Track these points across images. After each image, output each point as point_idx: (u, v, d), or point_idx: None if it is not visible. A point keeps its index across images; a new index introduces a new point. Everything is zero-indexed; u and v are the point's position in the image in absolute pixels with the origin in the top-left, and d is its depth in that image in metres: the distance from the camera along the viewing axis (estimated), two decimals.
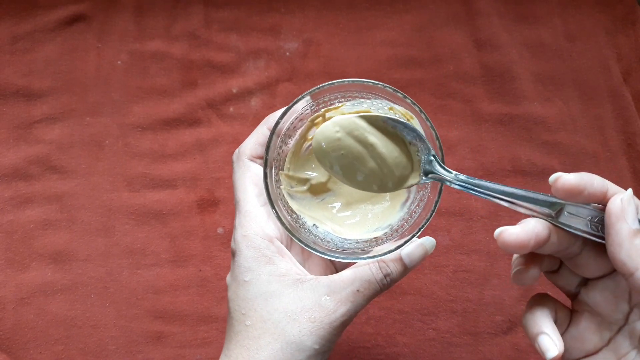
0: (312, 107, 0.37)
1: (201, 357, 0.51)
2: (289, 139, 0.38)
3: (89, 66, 0.58)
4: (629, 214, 0.29)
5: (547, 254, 0.33)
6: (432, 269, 0.52)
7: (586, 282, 0.34)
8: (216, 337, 0.51)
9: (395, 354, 0.51)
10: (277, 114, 0.36)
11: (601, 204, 0.31)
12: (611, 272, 0.32)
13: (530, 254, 0.33)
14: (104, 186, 0.55)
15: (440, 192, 0.34)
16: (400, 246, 0.34)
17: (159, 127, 0.56)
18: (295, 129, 0.38)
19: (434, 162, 0.34)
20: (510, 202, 0.32)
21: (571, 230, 0.31)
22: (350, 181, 0.36)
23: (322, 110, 0.37)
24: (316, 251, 0.35)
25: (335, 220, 0.39)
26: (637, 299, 0.31)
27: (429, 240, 0.36)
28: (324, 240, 0.37)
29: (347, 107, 0.37)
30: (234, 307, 0.36)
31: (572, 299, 0.35)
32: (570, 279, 0.34)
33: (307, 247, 0.35)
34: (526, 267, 0.33)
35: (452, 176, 0.34)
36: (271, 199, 0.35)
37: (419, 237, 0.35)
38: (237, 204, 0.37)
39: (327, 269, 0.39)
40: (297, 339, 0.34)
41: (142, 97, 0.57)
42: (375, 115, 0.35)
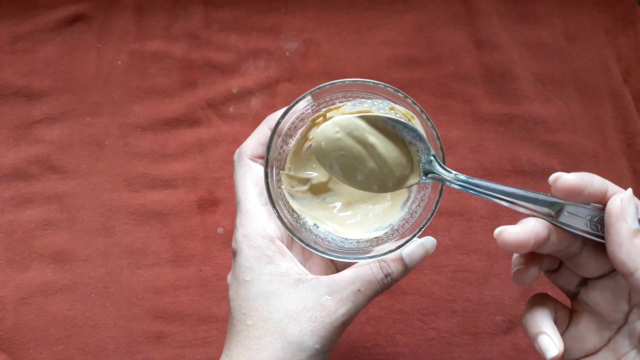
0: (313, 106, 0.37)
1: (201, 357, 0.51)
2: (290, 139, 0.38)
3: (89, 66, 0.58)
4: (628, 213, 0.29)
5: (547, 254, 0.33)
6: (432, 268, 0.52)
7: (586, 281, 0.34)
8: (216, 337, 0.51)
9: (395, 354, 0.51)
10: (278, 114, 0.36)
11: (601, 204, 0.31)
12: (611, 271, 0.32)
13: (530, 253, 0.33)
14: (104, 186, 0.55)
15: (441, 192, 0.34)
16: (401, 246, 0.34)
17: (159, 127, 0.56)
18: (296, 128, 0.38)
19: (433, 162, 0.34)
20: (510, 202, 0.32)
21: (571, 230, 0.31)
22: (350, 181, 0.36)
23: (323, 110, 0.37)
24: (317, 251, 0.35)
25: (336, 220, 0.39)
26: (636, 299, 0.31)
27: (430, 240, 0.36)
28: (324, 240, 0.37)
29: (348, 107, 0.37)
30: (234, 306, 0.36)
31: (572, 298, 0.35)
32: (570, 279, 0.34)
33: (308, 246, 0.35)
34: (526, 267, 0.33)
35: (452, 176, 0.34)
36: (272, 198, 0.35)
37: (419, 237, 0.35)
38: (238, 203, 0.37)
39: (328, 269, 0.39)
40: (298, 339, 0.34)
41: (142, 97, 0.57)
42: (375, 115, 0.35)
